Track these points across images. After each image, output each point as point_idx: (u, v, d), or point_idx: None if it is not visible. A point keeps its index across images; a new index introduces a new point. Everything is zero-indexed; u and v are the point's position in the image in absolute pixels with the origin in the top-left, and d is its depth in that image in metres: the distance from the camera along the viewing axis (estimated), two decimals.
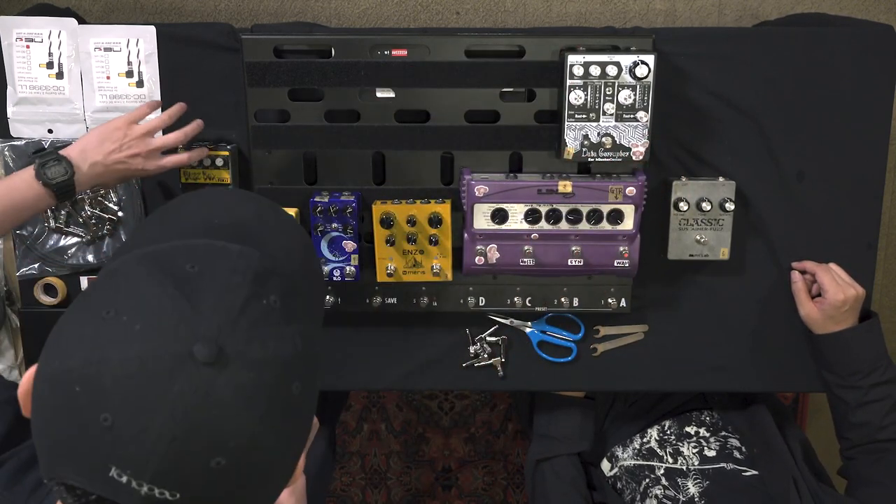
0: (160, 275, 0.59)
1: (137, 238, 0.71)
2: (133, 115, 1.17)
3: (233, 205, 0.74)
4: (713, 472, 1.31)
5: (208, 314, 0.57)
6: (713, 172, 1.31)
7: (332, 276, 1.28)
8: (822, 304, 1.28)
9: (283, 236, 0.72)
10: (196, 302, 0.57)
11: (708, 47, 1.27)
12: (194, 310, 0.57)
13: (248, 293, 0.59)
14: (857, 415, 1.27)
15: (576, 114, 1.20)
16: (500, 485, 2.20)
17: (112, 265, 0.64)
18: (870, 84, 1.28)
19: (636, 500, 1.35)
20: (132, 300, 0.58)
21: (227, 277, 0.59)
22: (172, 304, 0.57)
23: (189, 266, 0.59)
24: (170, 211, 0.74)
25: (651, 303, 1.36)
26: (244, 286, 0.59)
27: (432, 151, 1.27)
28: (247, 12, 1.80)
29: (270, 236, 0.70)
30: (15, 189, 1.09)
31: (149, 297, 0.57)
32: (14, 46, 1.26)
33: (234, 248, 0.62)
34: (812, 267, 1.30)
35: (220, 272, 0.60)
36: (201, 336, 0.56)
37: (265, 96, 1.23)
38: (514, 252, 1.25)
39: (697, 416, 1.43)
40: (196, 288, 0.58)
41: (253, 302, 0.59)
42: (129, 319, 0.56)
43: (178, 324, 0.56)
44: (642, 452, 1.42)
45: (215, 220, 0.69)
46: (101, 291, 0.60)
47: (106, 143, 1.13)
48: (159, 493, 0.55)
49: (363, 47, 1.22)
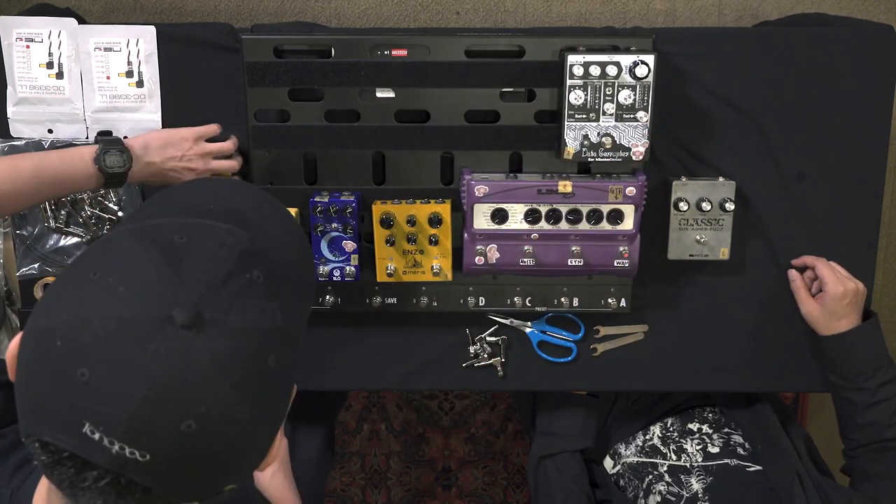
0: (148, 243, 0.61)
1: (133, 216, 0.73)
2: (203, 130, 1.21)
3: (231, 193, 0.75)
4: (717, 468, 1.31)
5: (190, 281, 0.59)
6: (713, 172, 1.31)
7: (332, 276, 1.28)
8: (822, 299, 1.28)
9: (279, 229, 0.73)
10: (180, 269, 0.59)
11: (708, 47, 1.27)
12: (177, 276, 0.59)
13: (233, 267, 0.61)
14: (864, 415, 1.27)
15: (576, 114, 1.20)
16: (500, 485, 2.20)
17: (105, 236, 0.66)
18: (870, 84, 1.28)
19: (639, 497, 1.35)
20: (119, 264, 0.60)
21: (213, 250, 0.61)
22: (157, 270, 0.59)
23: (177, 237, 0.62)
24: (168, 194, 0.76)
25: (651, 303, 1.36)
26: (229, 260, 0.61)
27: (432, 151, 1.27)
28: (247, 12, 1.80)
29: (266, 227, 0.71)
30: (69, 164, 1.10)
31: (135, 263, 0.60)
32: (14, 46, 1.26)
33: (225, 226, 0.64)
34: (811, 261, 1.30)
35: (207, 245, 0.62)
36: (182, 301, 0.58)
37: (265, 96, 1.23)
38: (514, 252, 1.25)
39: (700, 413, 1.43)
40: (182, 257, 0.60)
41: (236, 275, 0.61)
42: (114, 281, 0.59)
43: (160, 288, 0.58)
44: (645, 449, 1.42)
45: (211, 206, 0.71)
46: (91, 256, 0.63)
47: (170, 148, 1.17)
48: (129, 453, 0.56)
49: (363, 47, 1.22)
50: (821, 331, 1.30)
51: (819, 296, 1.29)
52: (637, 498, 1.36)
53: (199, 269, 0.60)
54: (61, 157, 1.11)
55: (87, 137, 1.29)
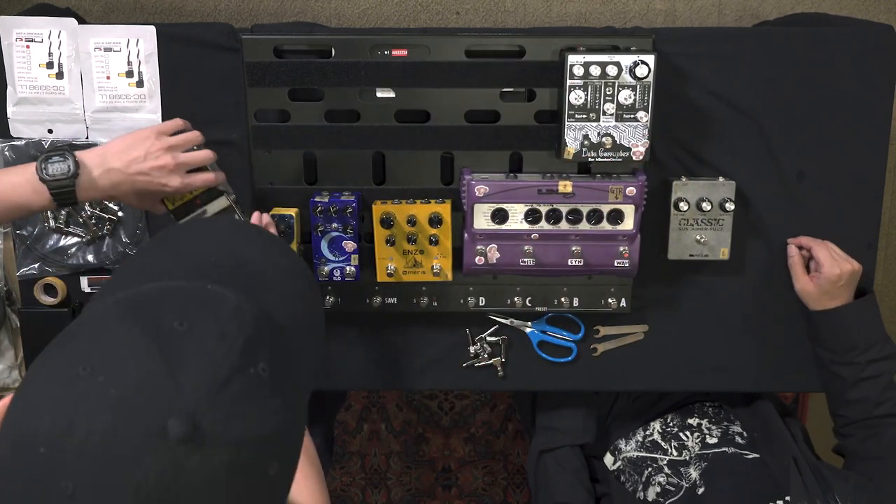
0: (144, 331, 0.55)
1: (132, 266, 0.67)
2: (164, 126, 1.10)
3: (236, 241, 0.70)
4: (713, 455, 1.32)
5: (188, 385, 0.53)
6: (713, 172, 1.31)
7: (333, 276, 1.28)
8: (817, 278, 1.28)
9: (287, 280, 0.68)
10: (177, 368, 0.53)
11: (708, 47, 1.27)
12: (174, 379, 0.53)
13: (236, 362, 0.55)
14: (853, 391, 1.28)
15: (576, 114, 1.20)
16: (500, 485, 2.20)
17: (98, 305, 0.60)
18: (870, 84, 1.28)
19: (638, 490, 1.35)
20: (110, 359, 0.54)
21: (216, 343, 0.55)
22: (152, 370, 0.53)
23: (177, 322, 0.56)
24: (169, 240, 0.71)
25: (651, 303, 1.36)
26: (232, 353, 0.55)
27: (432, 151, 1.27)
28: (247, 12, 1.80)
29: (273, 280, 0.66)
30: (10, 182, 1.02)
31: (128, 359, 0.54)
32: (14, 46, 1.26)
33: (229, 304, 0.58)
34: (808, 242, 1.31)
35: (209, 334, 0.56)
36: (177, 410, 0.52)
37: (265, 96, 1.23)
38: (515, 252, 1.25)
39: (700, 408, 1.44)
40: (180, 350, 0.54)
41: (239, 374, 0.55)
42: (105, 381, 0.53)
43: (155, 394, 0.52)
44: (646, 445, 1.42)
45: (214, 257, 0.66)
46: (80, 341, 0.57)
47: (131, 150, 1.06)
48: None
49: (363, 47, 1.22)
50: (813, 307, 1.30)
51: (814, 274, 1.30)
52: (636, 491, 1.36)
53: (198, 368, 0.54)
54: (5, 172, 1.03)
55: (87, 137, 1.29)
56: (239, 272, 0.64)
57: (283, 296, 0.65)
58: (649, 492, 1.33)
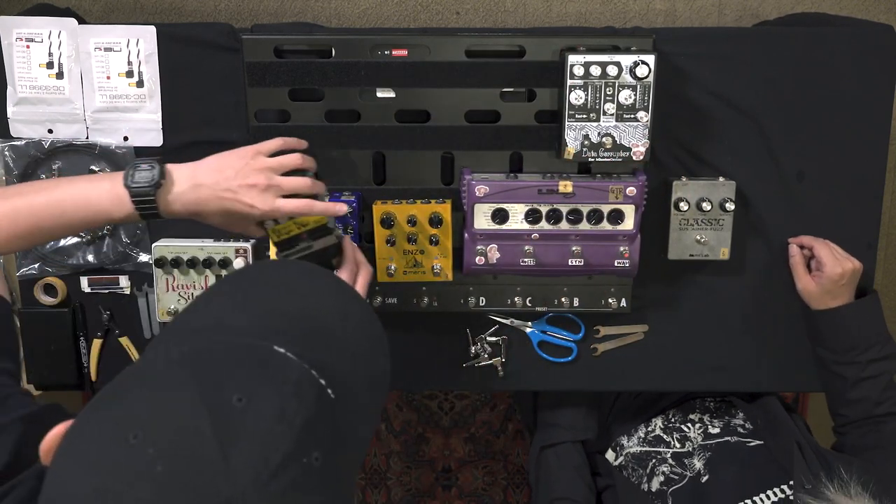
0: (203, 399, 0.53)
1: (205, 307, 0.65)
2: (263, 146, 1.05)
3: (314, 293, 0.66)
4: (717, 445, 1.32)
5: (238, 469, 0.51)
6: (713, 172, 1.31)
7: None
8: (819, 277, 1.28)
9: (359, 341, 0.65)
10: (229, 451, 0.51)
11: (708, 47, 1.28)
12: (225, 460, 0.51)
13: (290, 449, 0.53)
14: (854, 391, 1.28)
15: (576, 114, 1.20)
16: (500, 485, 2.20)
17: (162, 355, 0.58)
18: (870, 84, 1.28)
19: (642, 483, 1.35)
20: (163, 431, 0.52)
21: (273, 423, 0.53)
22: (203, 451, 0.51)
23: (237, 397, 0.53)
24: (245, 281, 0.68)
25: (651, 303, 1.36)
26: (288, 437, 0.53)
27: (432, 151, 1.27)
28: (247, 12, 1.80)
29: (344, 340, 0.63)
30: (95, 186, 0.97)
31: (181, 435, 0.52)
32: (14, 46, 1.26)
33: (293, 374, 0.56)
34: (809, 241, 1.31)
35: (268, 412, 0.53)
36: (224, 495, 0.50)
37: (265, 96, 1.23)
38: (515, 252, 1.25)
39: (701, 403, 1.44)
40: (235, 430, 0.52)
41: (291, 463, 0.53)
42: (153, 454, 0.51)
43: (203, 475, 0.51)
44: (648, 440, 1.42)
45: (290, 308, 0.63)
46: (138, 401, 0.55)
47: (224, 168, 1.01)
48: None
49: (363, 47, 1.22)
50: (814, 306, 1.30)
51: (816, 273, 1.30)
52: (640, 483, 1.36)
53: (251, 451, 0.52)
54: (89, 179, 0.99)
55: (87, 137, 1.29)
56: (311, 327, 0.61)
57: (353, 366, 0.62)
58: (653, 482, 1.34)
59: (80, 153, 1.29)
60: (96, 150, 1.29)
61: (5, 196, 0.97)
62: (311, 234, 1.07)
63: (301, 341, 0.59)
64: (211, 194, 1.00)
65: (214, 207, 1.01)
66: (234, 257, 1.28)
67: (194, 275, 1.29)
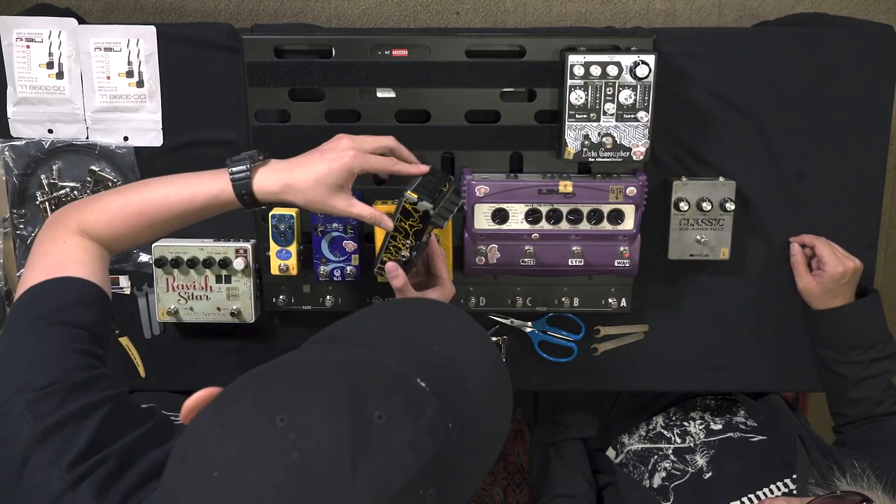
0: (350, 405, 0.56)
1: (367, 322, 0.69)
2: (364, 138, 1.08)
3: (459, 338, 0.69)
4: (719, 441, 1.32)
5: (362, 483, 0.54)
6: (713, 172, 1.31)
7: (333, 276, 1.28)
8: (820, 276, 1.28)
9: (488, 397, 0.67)
10: (359, 462, 0.54)
11: (708, 47, 1.28)
12: (353, 471, 0.54)
13: (412, 479, 0.56)
14: (855, 390, 1.28)
15: (576, 114, 1.20)
16: (500, 484, 2.20)
17: (325, 353, 0.62)
18: (870, 84, 1.28)
19: (644, 479, 1.35)
20: (308, 423, 0.55)
21: (402, 452, 0.56)
22: (337, 453, 0.54)
23: (378, 413, 0.57)
24: (402, 311, 0.72)
25: (651, 303, 1.36)
26: (413, 468, 0.56)
27: (433, 151, 1.27)
28: (247, 12, 1.80)
29: (474, 392, 0.65)
30: (204, 178, 1.01)
31: (322, 431, 0.55)
32: (14, 46, 1.26)
33: (429, 411, 0.59)
34: (811, 240, 1.31)
35: (402, 437, 0.56)
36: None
37: (265, 96, 1.23)
38: (515, 252, 1.25)
39: (702, 401, 1.44)
40: (370, 443, 0.55)
41: (409, 493, 0.55)
42: (294, 441, 0.55)
43: (329, 478, 0.54)
44: (649, 437, 1.42)
45: (436, 348, 0.66)
46: (293, 388, 0.58)
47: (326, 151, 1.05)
48: None
49: (363, 47, 1.22)
50: (815, 305, 1.30)
51: (817, 272, 1.30)
52: (642, 480, 1.36)
53: (377, 470, 0.54)
54: (199, 174, 1.03)
55: (87, 137, 1.29)
56: (448, 374, 0.64)
57: (478, 419, 0.64)
58: (655, 478, 1.34)
59: (80, 153, 1.29)
60: (96, 150, 1.29)
61: (119, 191, 1.02)
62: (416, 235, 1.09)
63: (439, 381, 0.62)
64: (302, 163, 1.03)
65: (309, 176, 1.02)
66: (234, 257, 1.28)
67: (194, 275, 1.29)
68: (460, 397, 0.63)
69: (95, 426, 0.76)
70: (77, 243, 0.94)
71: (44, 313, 0.84)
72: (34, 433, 0.74)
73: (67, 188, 1.30)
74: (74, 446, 0.74)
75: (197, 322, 1.31)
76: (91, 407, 0.77)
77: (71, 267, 0.90)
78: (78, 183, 1.30)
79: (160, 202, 0.99)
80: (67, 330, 0.83)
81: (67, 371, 0.79)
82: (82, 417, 0.76)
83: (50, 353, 0.80)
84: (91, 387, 0.79)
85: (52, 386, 0.76)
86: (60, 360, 0.80)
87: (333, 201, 1.03)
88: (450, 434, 0.59)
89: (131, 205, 0.99)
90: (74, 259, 0.92)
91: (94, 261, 0.94)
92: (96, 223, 0.97)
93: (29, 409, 0.75)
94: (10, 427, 0.75)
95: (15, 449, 0.73)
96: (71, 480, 0.72)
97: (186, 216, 1.01)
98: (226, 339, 1.36)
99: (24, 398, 0.75)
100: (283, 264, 1.26)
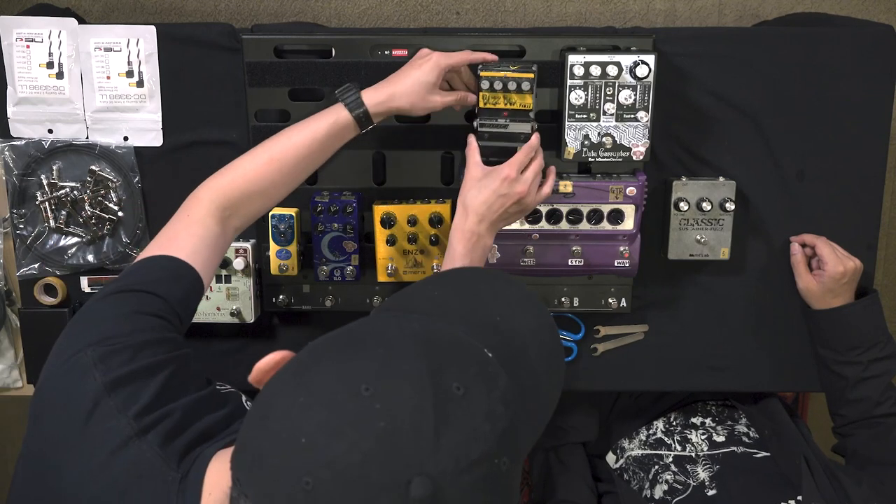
0: (431, 375, 0.58)
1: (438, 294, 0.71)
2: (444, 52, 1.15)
3: (519, 310, 0.72)
4: (723, 455, 1.32)
5: (444, 452, 0.56)
6: (713, 172, 1.31)
7: (333, 276, 1.28)
8: (821, 276, 1.28)
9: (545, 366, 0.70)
10: (442, 430, 0.56)
11: (708, 47, 1.28)
12: (435, 439, 0.56)
13: (490, 448, 0.58)
14: (855, 391, 1.28)
15: (576, 114, 1.20)
16: None
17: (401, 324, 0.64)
18: (870, 84, 1.28)
19: (644, 489, 1.35)
20: (392, 392, 0.57)
21: (480, 423, 0.58)
22: (421, 422, 0.56)
23: (456, 385, 0.59)
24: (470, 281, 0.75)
25: (651, 303, 1.36)
26: (489, 439, 0.58)
27: (433, 151, 1.27)
28: (247, 12, 1.80)
29: (533, 360, 0.68)
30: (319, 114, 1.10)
31: (407, 400, 0.57)
32: (14, 46, 1.26)
33: (502, 384, 0.61)
34: (811, 239, 1.31)
35: (480, 408, 0.59)
36: (427, 471, 0.55)
37: (265, 96, 1.23)
38: (515, 252, 1.25)
39: (703, 407, 1.44)
40: (450, 416, 0.57)
41: (487, 461, 0.58)
42: (379, 410, 0.56)
43: (414, 446, 0.56)
44: (649, 442, 1.42)
45: (497, 318, 0.68)
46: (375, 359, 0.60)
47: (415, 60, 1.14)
48: None
49: (363, 47, 1.22)
50: (815, 305, 1.30)
51: (817, 272, 1.30)
52: (643, 489, 1.36)
53: (458, 439, 0.57)
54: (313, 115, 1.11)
55: (87, 137, 1.29)
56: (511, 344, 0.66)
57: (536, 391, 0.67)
58: (656, 490, 1.33)
59: (80, 153, 1.29)
60: (96, 150, 1.29)
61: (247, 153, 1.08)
62: (512, 116, 1.15)
63: (504, 352, 0.64)
64: (397, 74, 1.13)
65: (415, 72, 1.12)
66: (234, 257, 1.28)
67: None
68: (522, 367, 0.65)
69: (161, 383, 0.80)
70: (197, 220, 1.00)
71: (133, 282, 0.90)
72: (104, 382, 0.78)
73: (67, 188, 1.30)
74: (140, 399, 0.78)
75: (197, 322, 1.31)
76: (158, 365, 0.82)
77: (177, 246, 0.96)
78: (78, 183, 1.30)
79: (286, 144, 1.07)
80: (148, 297, 0.88)
81: (140, 331, 0.84)
82: (150, 375, 0.80)
83: (126, 314, 0.86)
84: (159, 346, 0.84)
85: (122, 342, 0.81)
86: (134, 321, 0.85)
87: (431, 96, 1.12)
88: (518, 405, 0.62)
89: (260, 157, 1.07)
90: (184, 237, 0.98)
91: (201, 243, 0.99)
92: (231, 185, 1.04)
93: (102, 361, 0.80)
94: (81, 375, 0.79)
95: (85, 396, 0.78)
96: (139, 429, 0.76)
97: (311, 155, 1.09)
98: (226, 338, 1.36)
99: (97, 350, 0.80)
100: (282, 264, 1.26)
